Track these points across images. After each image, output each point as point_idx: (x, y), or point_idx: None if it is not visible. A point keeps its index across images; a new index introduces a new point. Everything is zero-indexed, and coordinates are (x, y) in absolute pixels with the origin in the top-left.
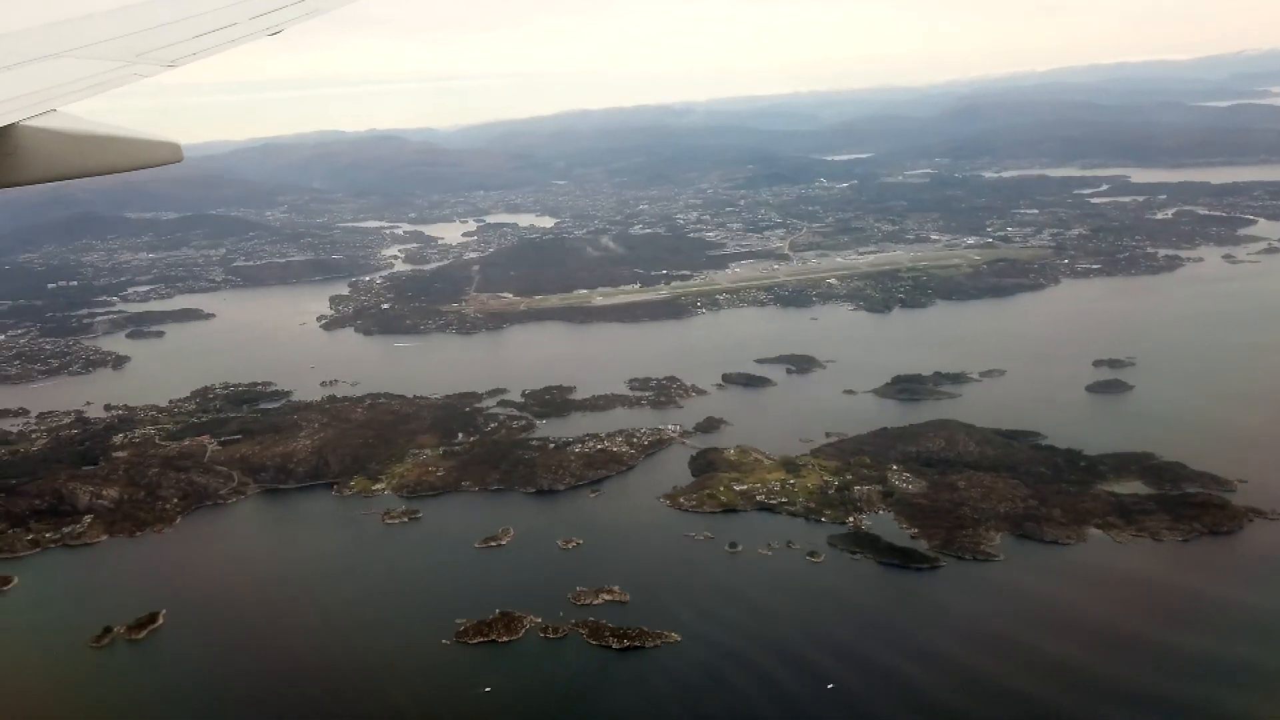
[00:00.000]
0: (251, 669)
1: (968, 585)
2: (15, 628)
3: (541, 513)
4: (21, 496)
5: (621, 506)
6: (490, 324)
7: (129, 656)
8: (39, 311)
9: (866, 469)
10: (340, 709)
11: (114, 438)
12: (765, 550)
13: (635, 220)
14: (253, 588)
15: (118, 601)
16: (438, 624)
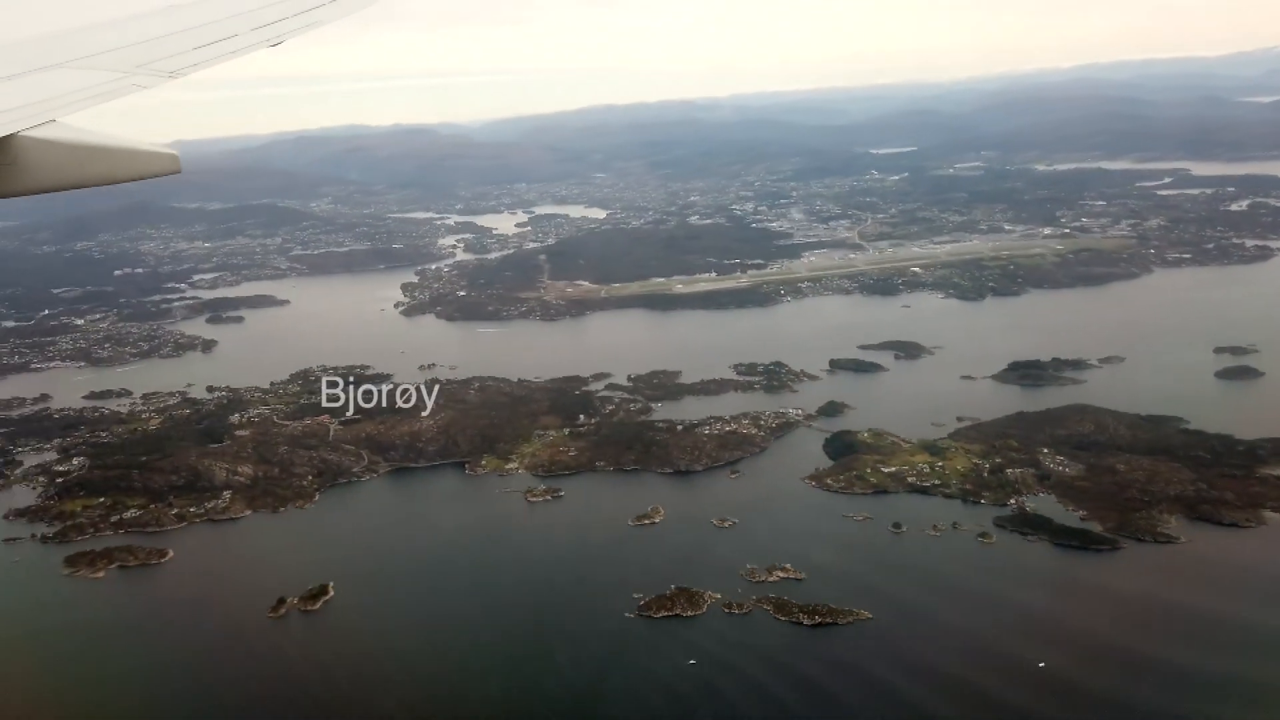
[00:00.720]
0: (434, 641)
1: (1154, 565)
2: (190, 599)
3: (684, 492)
4: (157, 473)
5: (765, 487)
6: (573, 311)
7: (306, 626)
8: (112, 297)
9: (1014, 452)
10: (540, 680)
11: (230, 417)
12: (932, 531)
13: (690, 211)
14: (414, 562)
15: (281, 574)
16: (614, 599)
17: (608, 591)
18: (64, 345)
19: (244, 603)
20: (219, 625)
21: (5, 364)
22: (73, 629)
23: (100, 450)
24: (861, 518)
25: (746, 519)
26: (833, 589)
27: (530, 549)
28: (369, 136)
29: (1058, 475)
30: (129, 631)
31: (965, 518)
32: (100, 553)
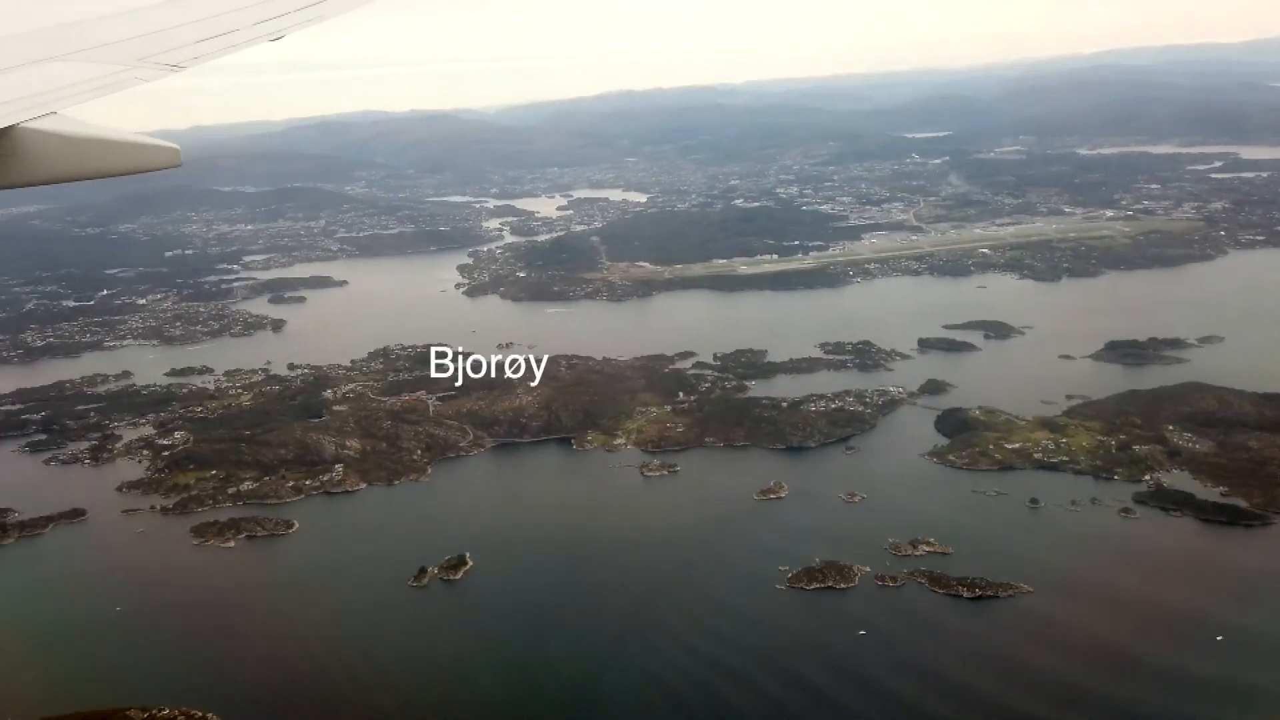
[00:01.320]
0: (581, 610)
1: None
2: (328, 568)
3: (802, 468)
4: (265, 447)
5: (885, 463)
6: (639, 291)
7: (449, 595)
8: (167, 278)
9: (1138, 429)
10: (700, 647)
11: (323, 393)
12: (1070, 506)
13: (733, 194)
14: (544, 533)
15: (411, 544)
16: (757, 571)
17: (748, 564)
18: (134, 324)
19: (384, 572)
20: (364, 593)
21: (78, 342)
22: (233, 594)
23: (200, 425)
24: (994, 493)
25: (874, 494)
26: (982, 563)
27: (656, 522)
28: (390, 122)
29: (1188, 452)
30: (280, 597)
31: (1101, 493)
32: (226, 523)
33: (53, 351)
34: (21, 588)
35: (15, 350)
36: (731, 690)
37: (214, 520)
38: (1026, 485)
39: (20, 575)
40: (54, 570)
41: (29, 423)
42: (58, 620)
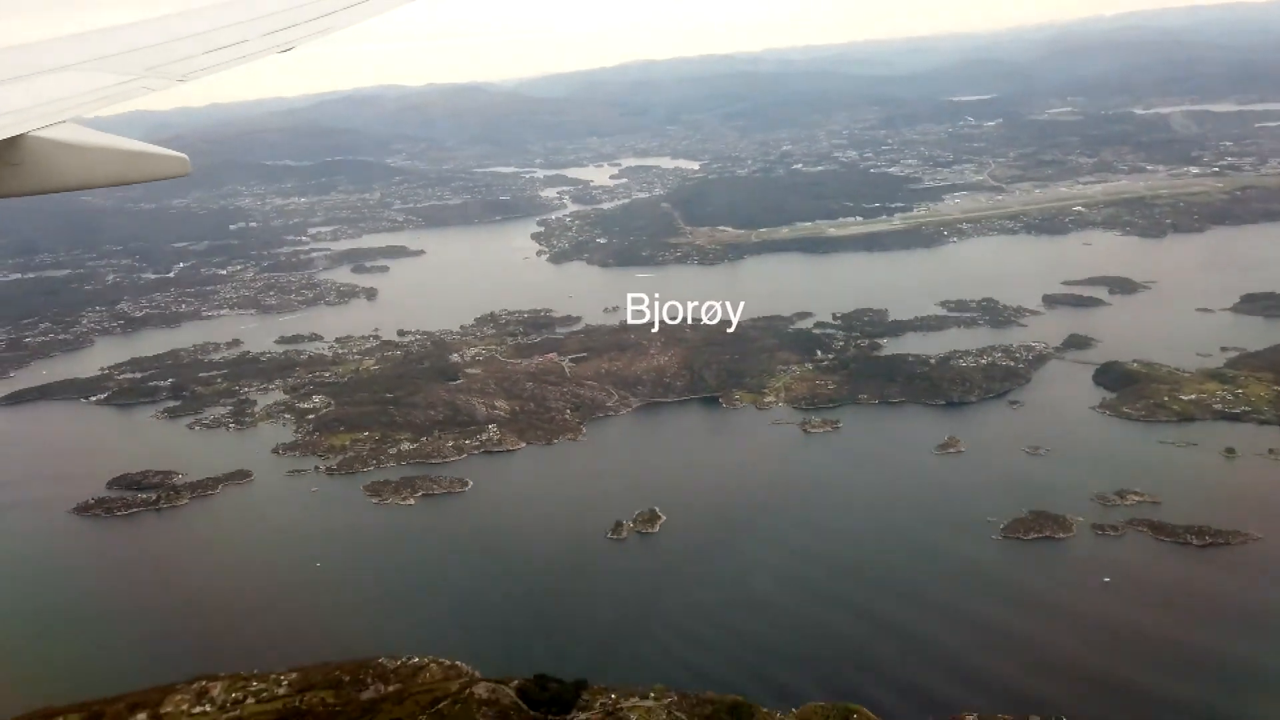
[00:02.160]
0: (782, 563)
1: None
2: (516, 521)
3: (970, 422)
4: (414, 408)
5: (1056, 416)
6: (729, 254)
7: (648, 546)
8: (238, 250)
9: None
10: (940, 598)
11: (450, 357)
12: (1270, 455)
13: (790, 160)
14: (727, 488)
15: (593, 499)
16: (966, 522)
17: (954, 516)
18: (226, 294)
19: (578, 525)
20: (566, 544)
21: (176, 312)
22: (431, 548)
23: (336, 390)
24: (1184, 444)
25: (1057, 446)
26: (1198, 511)
27: (839, 476)
28: (416, 95)
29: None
30: (477, 549)
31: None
32: (399, 482)
33: (153, 322)
34: (218, 545)
35: (116, 320)
36: (1004, 642)
37: (385, 480)
38: (1214, 435)
39: (209, 533)
40: (239, 528)
41: (158, 389)
42: (266, 576)
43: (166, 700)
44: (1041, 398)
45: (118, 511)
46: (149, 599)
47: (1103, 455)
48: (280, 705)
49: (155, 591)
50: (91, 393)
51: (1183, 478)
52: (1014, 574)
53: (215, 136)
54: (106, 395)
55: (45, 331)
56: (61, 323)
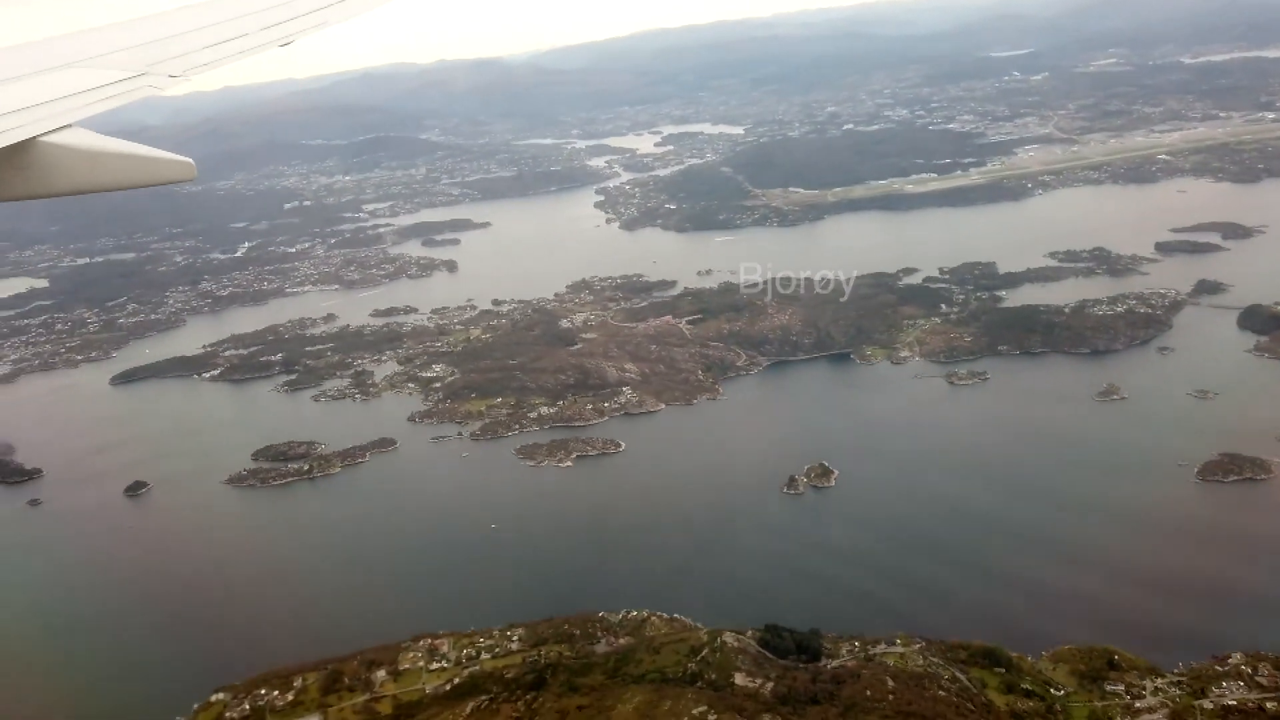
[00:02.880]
0: (975, 515)
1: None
2: (684, 478)
3: (1123, 369)
4: (542, 373)
5: (1211, 361)
6: (808, 215)
7: (827, 501)
8: (302, 228)
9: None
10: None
11: (561, 323)
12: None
13: (839, 120)
14: (891, 443)
15: (751, 455)
16: (1154, 465)
17: (1139, 459)
18: (307, 271)
19: (749, 481)
20: (744, 498)
21: (260, 290)
22: (605, 508)
23: (455, 358)
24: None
25: (1224, 389)
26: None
27: (1002, 427)
28: (438, 71)
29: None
30: (653, 506)
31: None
32: (551, 445)
33: (239, 300)
34: (387, 509)
35: (203, 300)
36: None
37: (534, 443)
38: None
39: (374, 499)
40: (402, 494)
41: (270, 364)
42: (447, 539)
43: (399, 658)
44: (1190, 343)
45: (273, 481)
46: (343, 562)
47: (1275, 397)
48: (519, 659)
49: (347, 555)
50: (202, 369)
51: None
52: (1224, 515)
53: (246, 118)
54: (219, 371)
55: (134, 312)
56: (148, 303)
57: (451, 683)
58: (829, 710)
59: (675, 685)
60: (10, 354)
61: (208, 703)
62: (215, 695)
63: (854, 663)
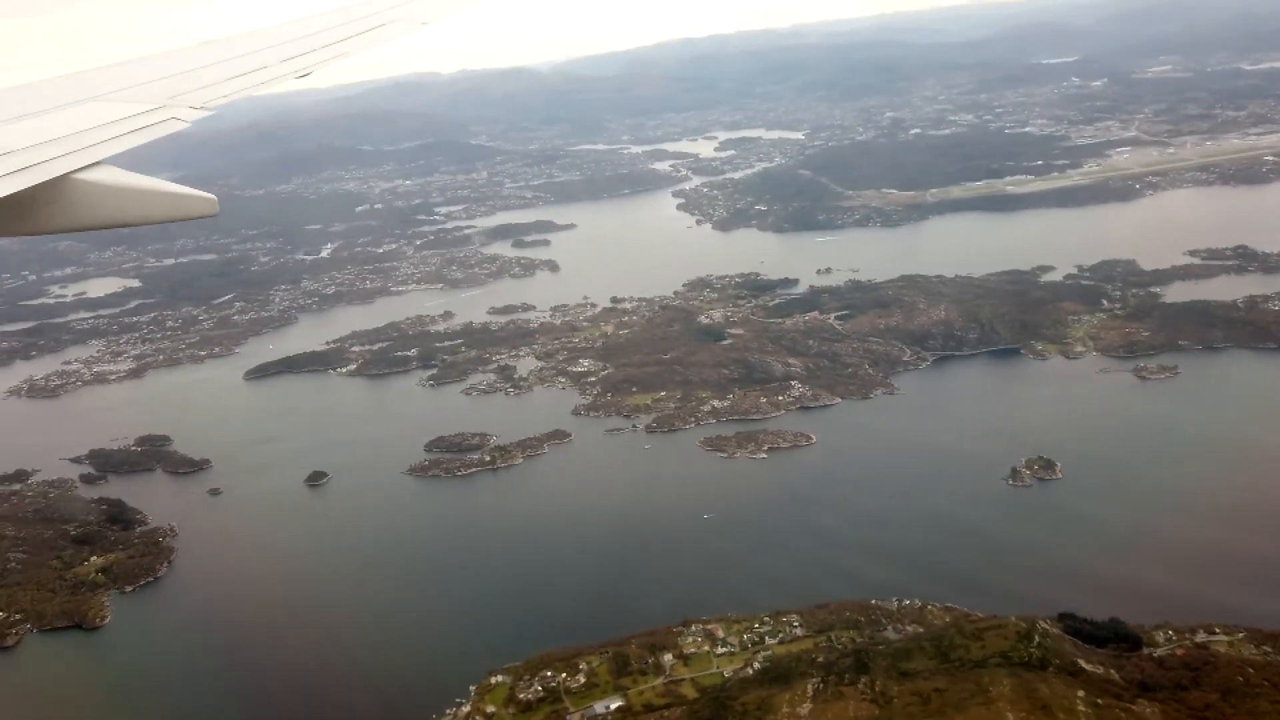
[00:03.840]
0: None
1: None
2: (894, 470)
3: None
4: (703, 368)
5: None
6: (911, 215)
7: (1057, 492)
8: (383, 229)
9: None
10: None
11: (699, 319)
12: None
13: (904, 125)
14: (1098, 437)
15: (951, 448)
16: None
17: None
18: (408, 270)
19: (967, 472)
20: (968, 490)
21: (364, 289)
22: (823, 498)
23: (602, 353)
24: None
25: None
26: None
27: (1214, 422)
28: (471, 79)
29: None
30: (873, 495)
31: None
32: (739, 436)
33: (346, 298)
34: (588, 499)
35: (309, 298)
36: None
37: (718, 435)
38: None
39: (569, 488)
40: (596, 483)
41: (406, 359)
42: (659, 529)
43: (677, 642)
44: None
45: (458, 471)
46: (570, 550)
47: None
48: (809, 644)
49: (570, 542)
50: (335, 365)
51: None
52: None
53: (293, 123)
54: (355, 366)
55: (243, 310)
56: (254, 302)
57: (751, 666)
58: (1208, 695)
59: (1028, 670)
60: (129, 349)
61: (487, 684)
62: (494, 678)
63: (1183, 650)
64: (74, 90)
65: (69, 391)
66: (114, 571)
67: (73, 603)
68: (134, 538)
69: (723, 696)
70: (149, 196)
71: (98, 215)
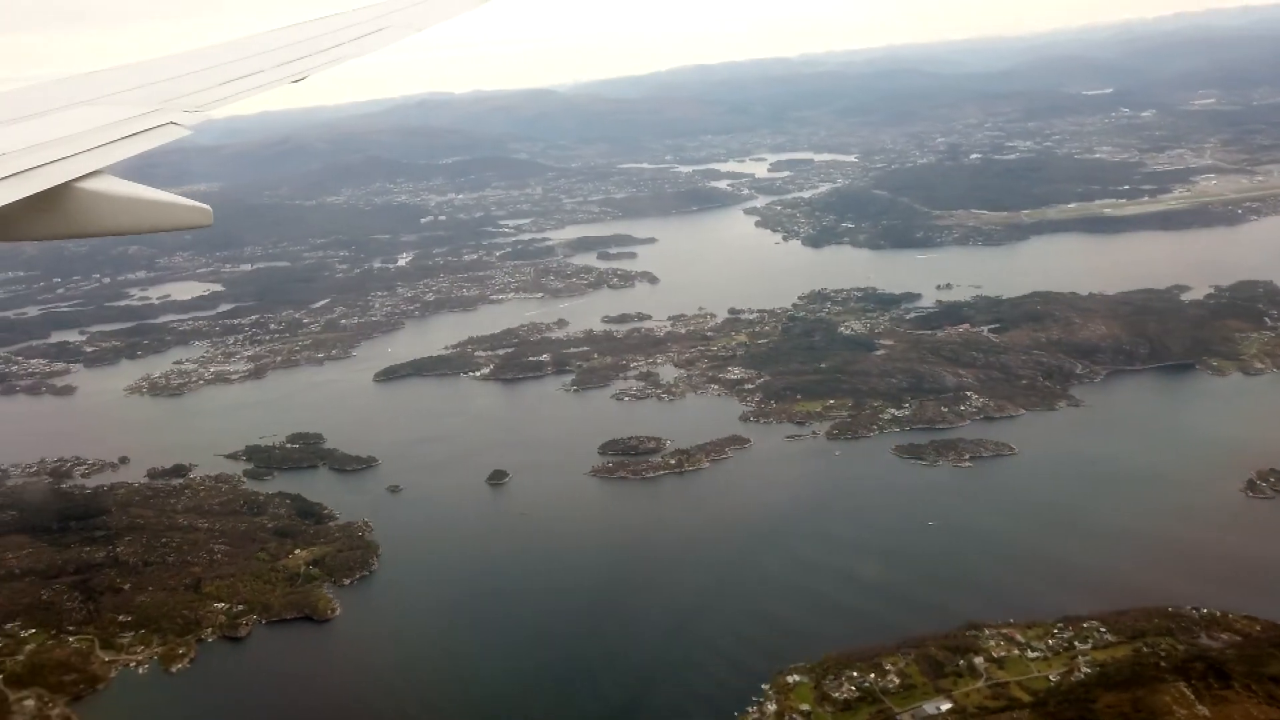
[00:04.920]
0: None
1: None
2: (1110, 480)
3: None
4: (869, 376)
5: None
6: (1011, 235)
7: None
8: (455, 239)
9: None
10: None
11: (840, 329)
12: None
13: (961, 149)
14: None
15: (1175, 458)
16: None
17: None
18: (502, 280)
19: (1195, 483)
20: (1195, 498)
21: (465, 296)
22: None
23: (751, 361)
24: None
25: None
26: None
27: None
28: (499, 98)
29: None
30: (1100, 501)
31: None
32: (936, 444)
33: (448, 305)
34: (797, 504)
35: (411, 305)
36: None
37: (909, 443)
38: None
39: (773, 494)
40: (797, 489)
41: (539, 364)
42: (885, 533)
43: (979, 645)
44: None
45: (645, 474)
46: (794, 556)
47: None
48: (1128, 650)
49: (807, 545)
50: (465, 369)
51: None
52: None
53: (329, 136)
54: (489, 370)
55: (345, 315)
56: (355, 307)
57: (1078, 670)
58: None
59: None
60: (240, 350)
61: (783, 682)
62: (790, 676)
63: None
64: (69, 93)
65: (191, 390)
66: (327, 564)
67: (296, 595)
68: (332, 532)
69: (1073, 698)
70: (146, 206)
71: (98, 223)
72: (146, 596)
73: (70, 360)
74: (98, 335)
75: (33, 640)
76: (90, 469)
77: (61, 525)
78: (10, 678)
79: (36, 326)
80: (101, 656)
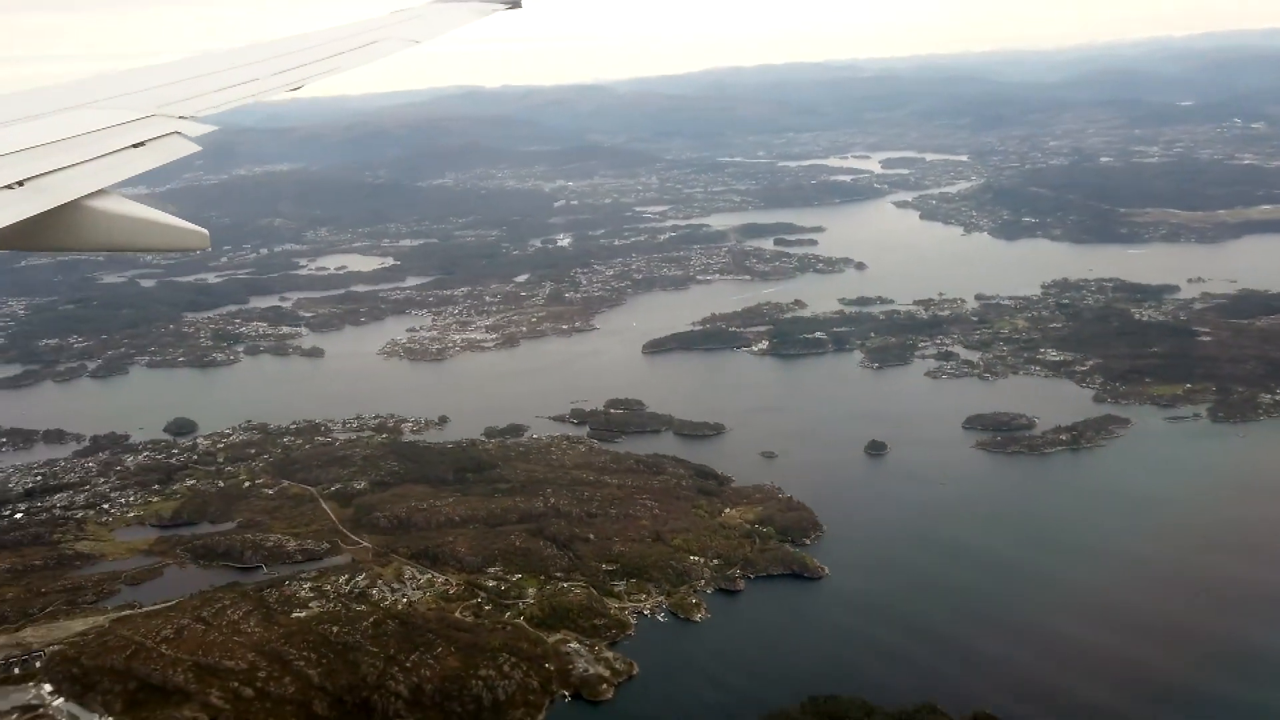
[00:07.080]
0: None
1: None
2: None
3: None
4: (1219, 361)
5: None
6: (1224, 233)
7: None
8: (605, 224)
9: None
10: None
11: (1134, 314)
12: None
13: (1086, 153)
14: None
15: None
16: None
17: None
18: (700, 261)
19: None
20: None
21: (672, 276)
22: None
23: (1055, 343)
24: None
25: None
26: None
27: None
28: (552, 92)
29: None
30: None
31: None
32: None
33: (659, 284)
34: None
35: (621, 282)
36: None
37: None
38: None
39: (1205, 477)
40: (1225, 472)
41: (819, 341)
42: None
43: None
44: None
45: (1044, 450)
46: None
47: None
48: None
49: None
50: (735, 344)
51: None
52: None
53: (403, 120)
54: (766, 345)
55: (554, 290)
56: (562, 282)
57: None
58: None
59: None
60: (474, 320)
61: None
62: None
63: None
64: (74, 98)
65: (451, 357)
66: (775, 523)
67: (777, 552)
68: (751, 493)
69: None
70: (147, 226)
71: (101, 240)
72: (623, 546)
73: (291, 325)
74: (304, 302)
75: (527, 584)
76: (417, 427)
77: (458, 476)
78: (530, 619)
79: (233, 292)
80: (607, 604)
